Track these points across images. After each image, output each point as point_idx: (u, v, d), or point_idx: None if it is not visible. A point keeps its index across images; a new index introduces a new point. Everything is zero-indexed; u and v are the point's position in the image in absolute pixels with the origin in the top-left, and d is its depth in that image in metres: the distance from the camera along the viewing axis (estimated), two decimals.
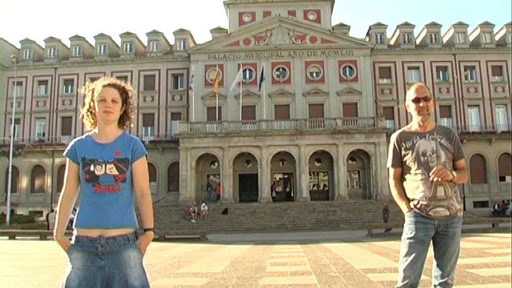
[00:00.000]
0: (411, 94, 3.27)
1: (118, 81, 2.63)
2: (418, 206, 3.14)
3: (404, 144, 3.23)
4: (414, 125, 3.30)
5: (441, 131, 3.24)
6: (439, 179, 3.05)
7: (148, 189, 2.57)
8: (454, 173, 3.13)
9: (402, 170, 3.27)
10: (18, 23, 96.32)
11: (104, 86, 2.55)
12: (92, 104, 2.58)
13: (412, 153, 3.19)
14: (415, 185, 3.17)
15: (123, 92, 2.61)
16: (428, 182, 3.11)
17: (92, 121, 2.61)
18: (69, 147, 2.56)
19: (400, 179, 3.30)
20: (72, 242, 2.44)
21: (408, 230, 3.16)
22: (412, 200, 3.19)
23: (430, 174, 3.09)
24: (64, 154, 2.57)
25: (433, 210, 3.10)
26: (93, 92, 2.58)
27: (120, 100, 2.58)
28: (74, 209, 2.57)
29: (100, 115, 2.53)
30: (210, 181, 37.02)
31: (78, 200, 2.57)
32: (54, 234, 2.49)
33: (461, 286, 5.58)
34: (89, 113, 2.61)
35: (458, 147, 3.24)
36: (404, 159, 3.23)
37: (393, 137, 3.33)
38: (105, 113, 2.51)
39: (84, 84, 2.67)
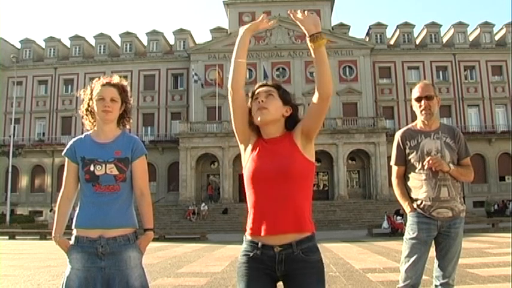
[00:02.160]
0: (414, 92, 3.23)
1: (117, 80, 2.61)
2: (421, 206, 3.11)
3: (408, 143, 3.20)
4: (419, 123, 3.26)
5: (446, 130, 3.21)
6: (433, 168, 3.05)
7: (148, 189, 2.55)
8: (451, 165, 3.10)
9: (406, 168, 3.25)
10: (18, 23, 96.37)
11: (103, 85, 2.53)
12: (90, 103, 2.56)
13: (416, 152, 3.15)
14: (418, 185, 3.14)
15: (123, 91, 2.59)
16: (432, 183, 3.09)
17: (92, 120, 2.59)
18: (68, 146, 2.54)
19: (403, 178, 3.27)
20: (72, 242, 2.42)
21: (411, 230, 3.13)
22: (415, 200, 3.15)
23: (425, 163, 3.08)
24: (63, 154, 2.55)
25: (436, 211, 3.07)
26: (92, 91, 2.56)
27: (120, 99, 2.56)
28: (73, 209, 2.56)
29: (99, 114, 2.51)
30: (210, 181, 37.05)
31: (77, 200, 2.56)
32: (53, 235, 2.47)
33: (461, 286, 5.57)
34: (88, 113, 2.59)
35: (463, 146, 3.21)
36: (409, 158, 3.19)
37: (397, 135, 3.29)
38: (104, 112, 2.49)
39: (84, 84, 2.67)
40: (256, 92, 2.12)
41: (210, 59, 37.79)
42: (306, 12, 2.02)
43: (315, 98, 2.04)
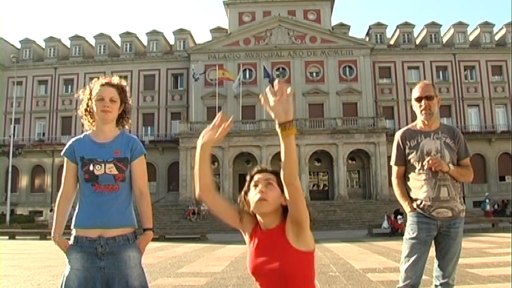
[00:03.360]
0: (415, 92, 3.24)
1: (116, 81, 2.61)
2: (421, 206, 3.11)
3: (408, 143, 3.20)
4: (419, 123, 3.26)
5: (445, 130, 3.21)
6: (433, 168, 3.05)
7: (147, 189, 2.56)
8: (451, 166, 3.10)
9: (406, 168, 3.24)
10: (18, 23, 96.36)
11: (102, 85, 2.54)
12: (90, 103, 2.56)
13: (416, 152, 3.15)
14: (418, 185, 3.14)
15: (122, 91, 2.59)
16: (432, 183, 3.09)
17: (91, 120, 2.59)
18: (67, 146, 2.54)
19: (403, 178, 3.27)
20: (71, 242, 2.42)
21: (410, 230, 3.13)
22: (415, 200, 3.15)
23: (424, 163, 3.08)
24: (62, 154, 2.55)
25: (436, 211, 3.07)
26: (91, 91, 2.56)
27: (119, 99, 2.56)
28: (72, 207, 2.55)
29: (98, 114, 2.51)
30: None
31: (76, 199, 2.55)
32: (52, 235, 2.46)
33: (461, 286, 5.57)
34: (87, 113, 2.59)
35: (463, 146, 3.21)
36: (409, 158, 3.19)
37: (397, 135, 3.30)
38: (103, 112, 2.49)
39: (84, 84, 2.66)
40: (255, 179, 2.03)
41: (210, 59, 37.78)
42: (279, 90, 1.85)
43: (285, 190, 1.92)
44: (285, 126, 1.88)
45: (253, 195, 1.98)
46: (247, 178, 2.07)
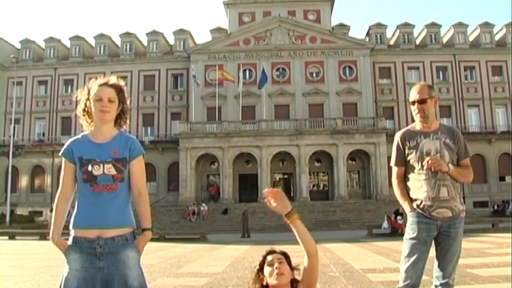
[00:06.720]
0: (410, 96, 3.26)
1: (115, 81, 2.61)
2: (421, 206, 3.11)
3: (408, 143, 3.21)
4: (418, 124, 3.27)
5: (445, 131, 3.22)
6: (432, 168, 3.05)
7: (145, 189, 2.55)
8: (450, 166, 3.10)
9: (405, 169, 3.25)
10: (18, 23, 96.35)
11: (100, 85, 2.53)
12: (88, 103, 2.55)
13: (416, 152, 3.16)
14: (418, 185, 3.15)
15: (120, 92, 2.59)
16: (432, 183, 3.09)
17: (89, 120, 2.59)
18: (65, 147, 2.54)
19: (403, 178, 3.27)
20: (70, 242, 2.41)
21: (411, 230, 3.13)
22: (415, 200, 3.16)
23: (424, 163, 3.08)
24: (60, 154, 2.54)
25: (436, 211, 3.07)
26: (89, 92, 2.56)
27: (117, 99, 2.56)
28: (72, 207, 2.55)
29: (96, 114, 2.51)
30: (210, 181, 37.04)
31: (75, 200, 2.54)
32: (51, 235, 2.45)
33: (461, 286, 5.57)
34: (85, 113, 2.59)
35: (463, 147, 3.21)
36: (408, 159, 3.20)
37: (397, 136, 3.30)
38: (101, 112, 2.49)
39: (84, 85, 2.65)
40: (269, 259, 2.50)
41: (210, 59, 37.77)
42: (275, 195, 2.52)
43: (305, 258, 2.46)
44: (288, 215, 2.48)
45: (271, 272, 2.43)
46: (260, 258, 2.55)
